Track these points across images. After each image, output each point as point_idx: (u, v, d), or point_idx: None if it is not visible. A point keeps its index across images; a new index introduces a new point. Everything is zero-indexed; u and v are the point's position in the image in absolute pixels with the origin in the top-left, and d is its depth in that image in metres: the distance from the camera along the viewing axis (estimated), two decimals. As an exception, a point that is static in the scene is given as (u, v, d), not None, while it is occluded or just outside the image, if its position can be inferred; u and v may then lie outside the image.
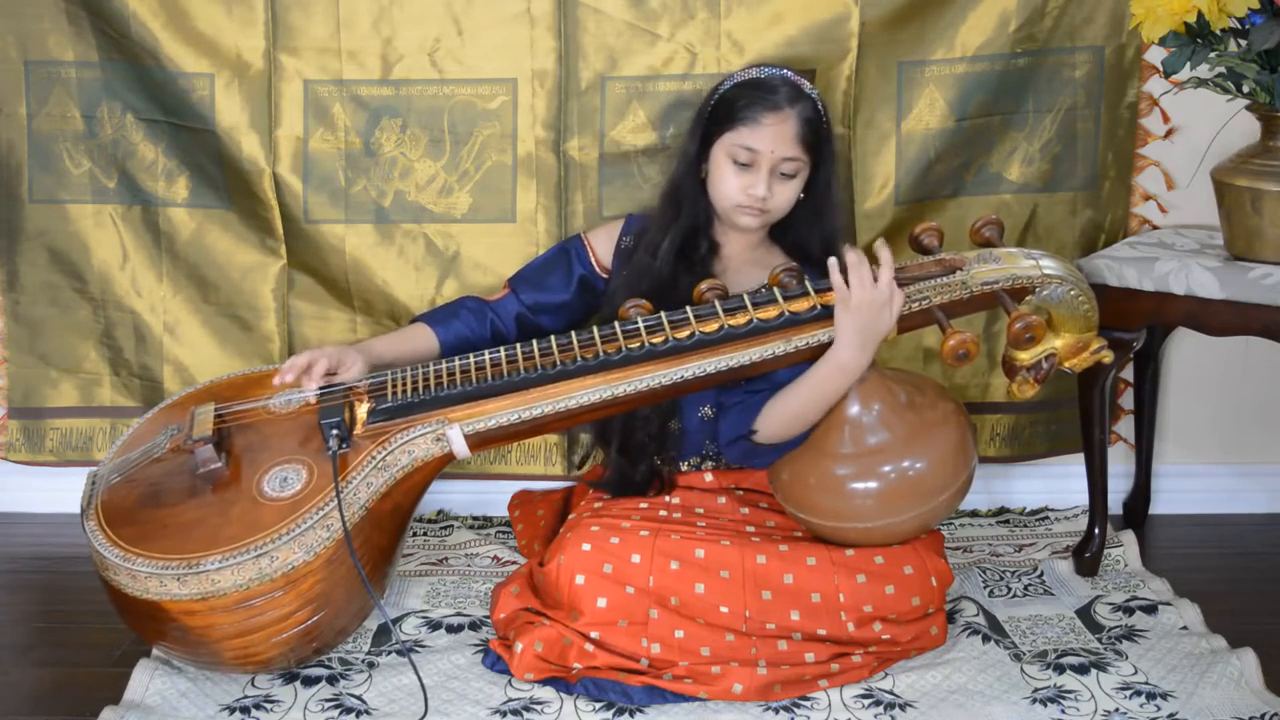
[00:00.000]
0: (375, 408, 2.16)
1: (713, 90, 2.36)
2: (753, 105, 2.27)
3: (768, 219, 2.33)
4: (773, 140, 2.26)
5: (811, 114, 2.29)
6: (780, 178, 2.29)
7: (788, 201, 2.32)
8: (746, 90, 2.30)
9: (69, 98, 2.66)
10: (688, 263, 2.35)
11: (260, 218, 2.68)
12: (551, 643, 2.11)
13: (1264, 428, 2.83)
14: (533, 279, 2.47)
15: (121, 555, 2.02)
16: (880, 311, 2.10)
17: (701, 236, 2.37)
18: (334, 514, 2.04)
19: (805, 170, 2.31)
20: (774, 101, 2.27)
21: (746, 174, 2.28)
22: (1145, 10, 2.21)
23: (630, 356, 2.14)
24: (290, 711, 2.07)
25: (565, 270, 2.46)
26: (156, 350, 2.75)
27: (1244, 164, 2.30)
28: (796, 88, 2.29)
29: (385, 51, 2.61)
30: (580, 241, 2.49)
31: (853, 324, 2.11)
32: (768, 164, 2.27)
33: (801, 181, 2.32)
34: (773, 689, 2.08)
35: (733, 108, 2.29)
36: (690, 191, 2.36)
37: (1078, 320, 2.13)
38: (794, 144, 2.27)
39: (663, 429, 2.35)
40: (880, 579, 2.17)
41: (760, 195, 2.27)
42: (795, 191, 2.32)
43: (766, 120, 2.26)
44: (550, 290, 2.45)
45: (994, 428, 2.78)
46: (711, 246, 2.38)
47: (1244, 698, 2.07)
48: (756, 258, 2.39)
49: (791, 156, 2.27)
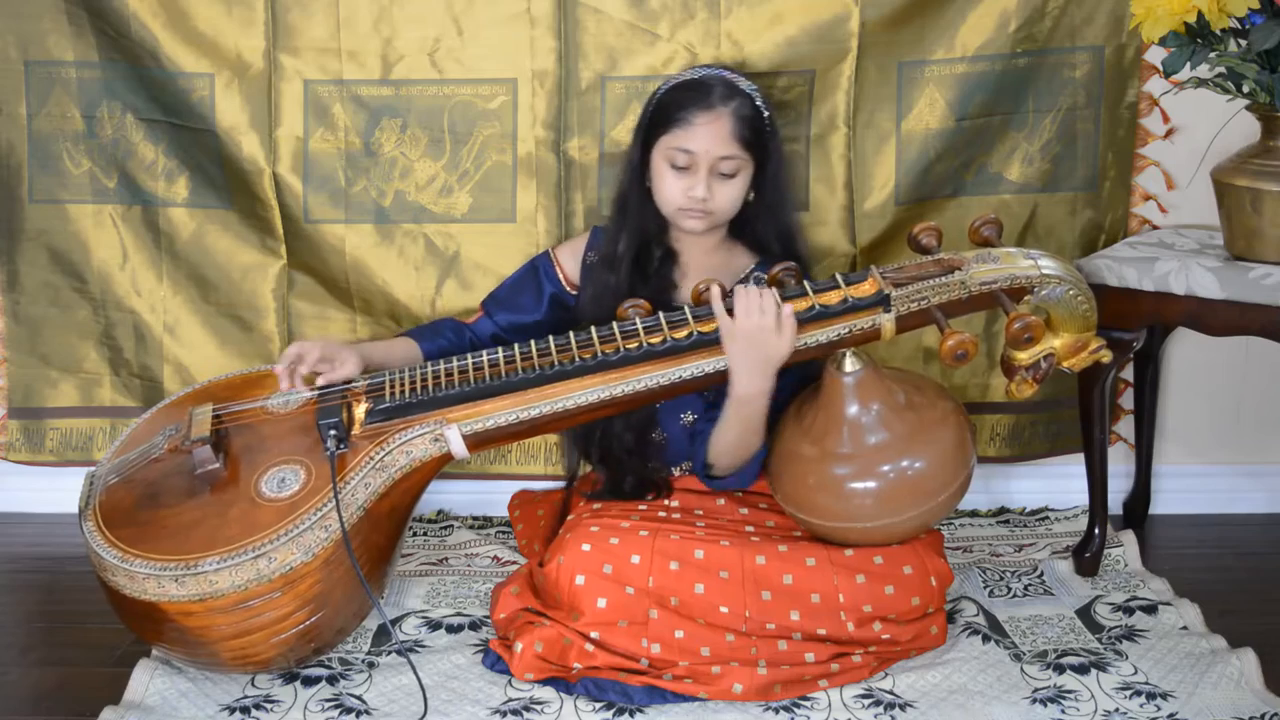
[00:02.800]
0: (373, 408, 2.16)
1: (652, 95, 2.36)
2: (686, 107, 2.26)
3: (713, 220, 2.33)
4: (707, 140, 2.25)
5: (748, 111, 2.28)
6: (720, 178, 2.28)
7: (731, 201, 2.32)
8: (680, 92, 2.29)
9: (69, 98, 2.66)
10: (643, 274, 2.35)
11: (260, 218, 2.68)
12: (551, 643, 2.11)
13: (1264, 428, 2.83)
14: (505, 300, 2.48)
15: (119, 556, 2.02)
16: (769, 338, 2.10)
17: (655, 245, 2.37)
18: (332, 515, 2.04)
19: (747, 168, 2.31)
20: (707, 101, 2.26)
21: (685, 176, 2.28)
22: (1145, 10, 2.21)
23: (628, 357, 2.14)
24: (290, 711, 2.07)
25: (535, 289, 2.47)
26: (156, 350, 2.75)
27: (1244, 164, 2.30)
28: (731, 85, 2.28)
29: (385, 51, 2.61)
30: (548, 259, 2.49)
31: (741, 353, 2.12)
32: (705, 165, 2.26)
33: (744, 180, 2.32)
34: (773, 689, 2.08)
35: (668, 111, 2.28)
36: (637, 199, 2.36)
37: (1076, 320, 2.13)
38: (730, 143, 2.26)
39: (641, 441, 2.35)
40: (880, 579, 2.17)
41: (700, 197, 2.27)
42: (738, 190, 2.32)
43: (699, 120, 2.25)
44: (523, 310, 2.46)
45: (994, 428, 2.78)
46: (667, 254, 2.38)
47: (1244, 698, 2.07)
48: (719, 260, 2.39)
49: (728, 155, 2.26)
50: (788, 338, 2.11)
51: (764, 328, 2.10)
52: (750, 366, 2.13)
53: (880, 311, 2.13)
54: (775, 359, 2.12)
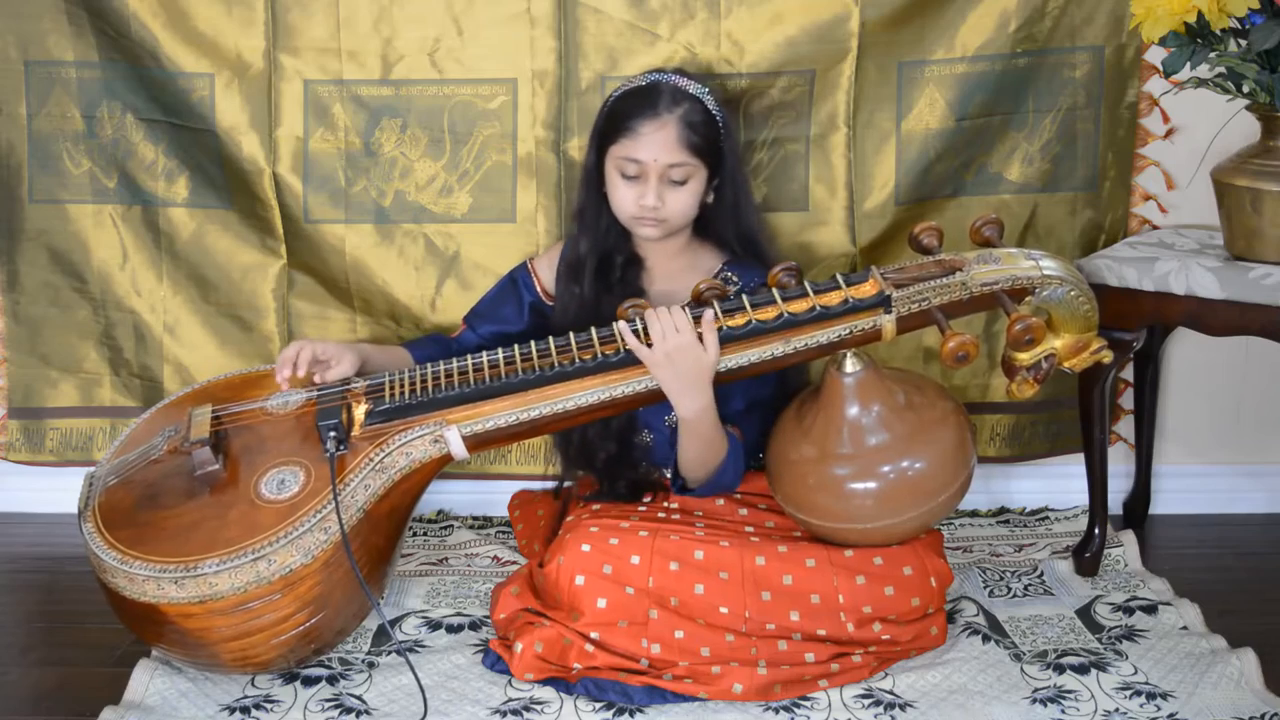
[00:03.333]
0: (373, 409, 2.16)
1: (604, 102, 2.36)
2: (631, 115, 2.26)
3: (668, 227, 2.32)
4: (654, 149, 2.24)
5: (698, 116, 2.27)
6: (671, 185, 2.27)
7: (685, 207, 2.31)
8: (628, 100, 2.29)
9: (69, 98, 2.66)
10: (607, 283, 2.35)
11: (260, 218, 2.68)
12: (551, 643, 2.11)
13: (1264, 428, 2.83)
14: (487, 313, 2.49)
15: (119, 558, 2.03)
16: (693, 354, 2.10)
17: (617, 253, 2.37)
18: (331, 516, 2.04)
19: (699, 173, 2.30)
20: (653, 110, 2.25)
21: (636, 185, 2.27)
22: (1145, 10, 2.21)
23: (628, 358, 2.14)
24: (290, 711, 2.07)
25: (516, 300, 2.47)
26: (156, 350, 2.75)
27: (1244, 164, 2.30)
28: (679, 91, 2.28)
29: (385, 51, 2.61)
30: (526, 269, 2.50)
31: (671, 377, 2.12)
32: (654, 173, 2.26)
33: (698, 185, 2.31)
34: (773, 689, 2.08)
35: (617, 120, 2.28)
36: (595, 208, 2.37)
37: (1077, 321, 2.13)
38: (677, 150, 2.25)
39: (625, 446, 2.35)
40: (879, 580, 2.17)
41: (650, 205, 2.27)
42: (692, 196, 2.31)
43: (645, 129, 2.24)
44: (505, 322, 2.46)
45: (994, 428, 2.78)
46: (630, 261, 2.38)
47: (1244, 698, 2.07)
48: (685, 264, 2.39)
49: (676, 163, 2.26)
50: (711, 343, 2.10)
51: (684, 345, 2.09)
52: (684, 387, 2.13)
53: (881, 312, 2.12)
54: (706, 371, 2.12)
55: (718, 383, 2.17)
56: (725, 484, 2.31)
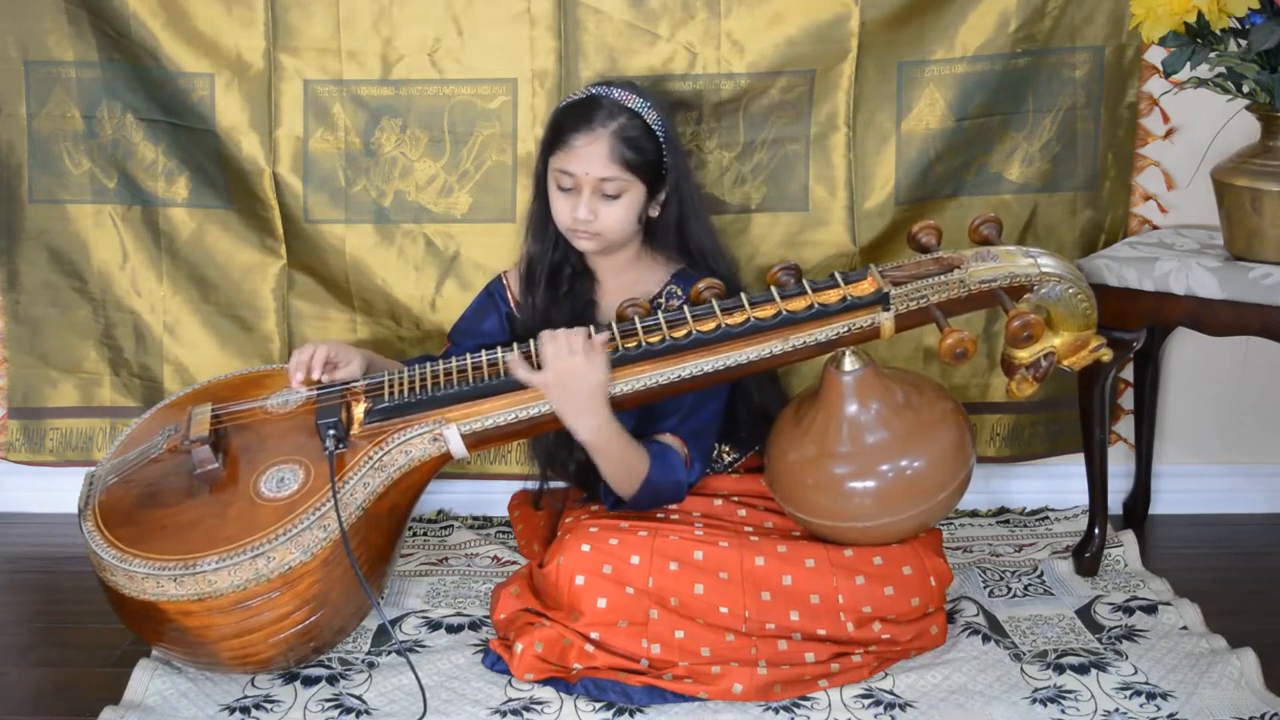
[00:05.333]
0: (372, 408, 2.16)
1: (551, 112, 2.36)
2: (566, 129, 2.26)
3: (603, 241, 2.31)
4: (585, 162, 2.24)
5: (633, 131, 2.25)
6: (604, 199, 2.27)
7: (619, 221, 2.29)
8: (567, 113, 2.29)
9: (69, 98, 2.67)
10: (555, 294, 2.35)
11: (260, 218, 2.68)
12: (551, 643, 2.11)
13: (1264, 428, 2.83)
14: (469, 329, 2.49)
15: (119, 556, 2.03)
16: (582, 373, 2.09)
17: (564, 264, 2.37)
18: (331, 514, 2.04)
19: (634, 188, 2.28)
20: (588, 124, 2.24)
21: (569, 197, 2.27)
22: (1145, 10, 2.21)
23: (626, 357, 2.14)
24: (290, 711, 2.07)
25: (495, 313, 2.48)
26: (156, 350, 2.75)
27: (1244, 164, 2.30)
28: (616, 105, 2.26)
29: (385, 51, 2.61)
30: (500, 281, 2.50)
31: (564, 399, 2.11)
32: (588, 186, 2.25)
33: (633, 200, 2.29)
34: (773, 689, 2.08)
35: (556, 132, 2.28)
36: (542, 218, 2.37)
37: (1076, 318, 2.13)
38: (609, 164, 2.24)
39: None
40: (879, 580, 2.17)
41: (582, 218, 2.26)
42: (626, 211, 2.29)
43: (578, 143, 2.24)
44: (488, 335, 2.45)
45: (994, 427, 2.78)
46: (578, 273, 2.38)
47: (1244, 698, 2.07)
48: (632, 277, 2.38)
49: (608, 177, 2.25)
50: (599, 364, 2.10)
51: (574, 368, 2.09)
52: (579, 409, 2.12)
53: (879, 310, 2.12)
54: (597, 389, 2.11)
55: (716, 382, 2.17)
56: (665, 495, 2.27)
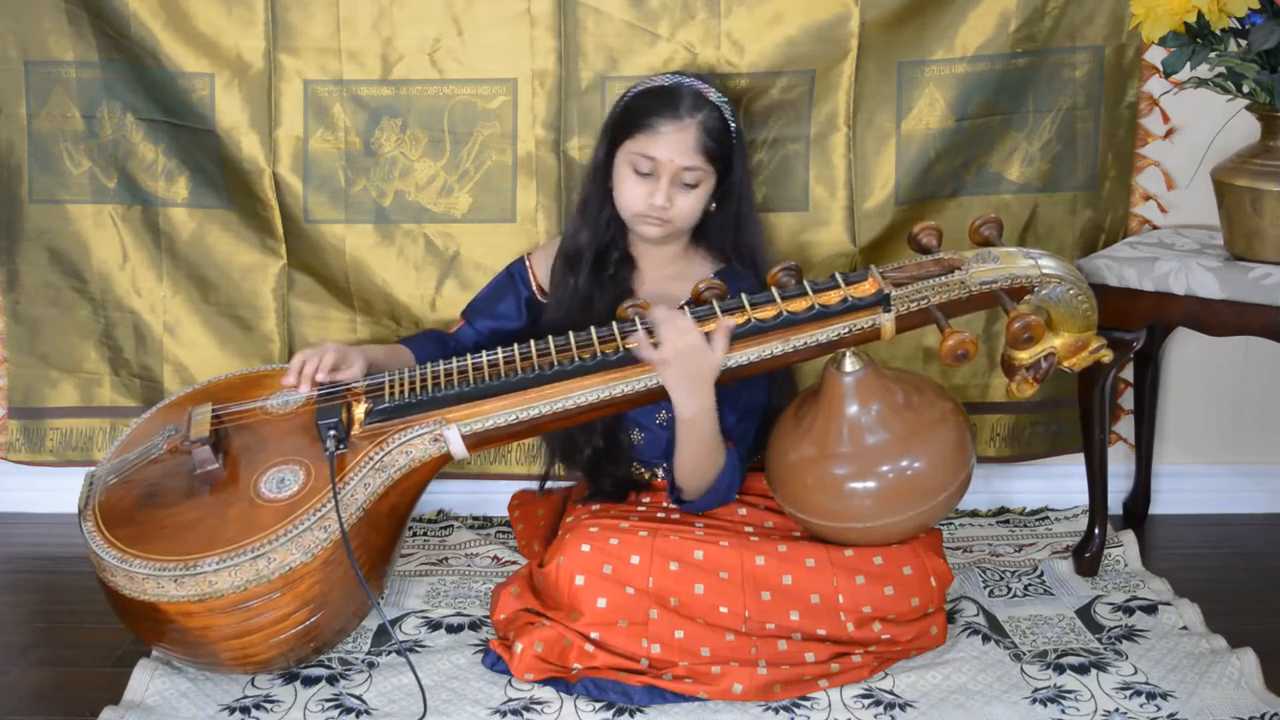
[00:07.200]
0: (373, 408, 2.16)
1: (620, 97, 2.36)
2: (653, 113, 2.27)
3: (671, 229, 2.33)
4: (671, 149, 2.25)
5: (715, 123, 2.28)
6: (681, 187, 2.28)
7: (690, 211, 2.31)
8: (649, 98, 2.30)
9: (69, 98, 2.67)
10: (600, 278, 2.35)
11: (260, 218, 2.68)
12: (551, 643, 2.11)
13: (1264, 428, 2.83)
14: (484, 308, 2.49)
15: (119, 556, 2.03)
16: (699, 353, 2.10)
17: (612, 249, 2.38)
18: (331, 515, 2.04)
19: (709, 180, 2.31)
20: (675, 110, 2.26)
21: (646, 183, 2.28)
22: (1145, 10, 2.21)
23: (628, 357, 2.14)
24: (290, 711, 2.07)
25: (514, 296, 2.48)
26: (156, 350, 2.75)
27: (1244, 164, 2.30)
28: (700, 96, 2.29)
29: (385, 51, 2.61)
30: (523, 264, 2.50)
31: (678, 378, 2.11)
32: (667, 173, 2.26)
33: (705, 192, 2.32)
34: (773, 689, 2.08)
35: (635, 115, 2.29)
36: (598, 202, 2.37)
37: (1077, 320, 2.13)
38: (694, 153, 2.26)
39: (612, 444, 2.35)
40: (879, 580, 2.17)
41: (659, 205, 2.27)
42: (699, 201, 2.32)
43: (665, 129, 2.25)
44: (503, 318, 2.47)
45: (994, 428, 2.78)
46: (624, 260, 2.39)
47: (1244, 698, 2.07)
48: (676, 269, 2.39)
49: (691, 166, 2.27)
50: (719, 350, 2.10)
51: (694, 346, 2.09)
52: (690, 389, 2.12)
53: (880, 311, 2.13)
54: (709, 373, 2.11)
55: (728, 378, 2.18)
56: (719, 497, 2.30)
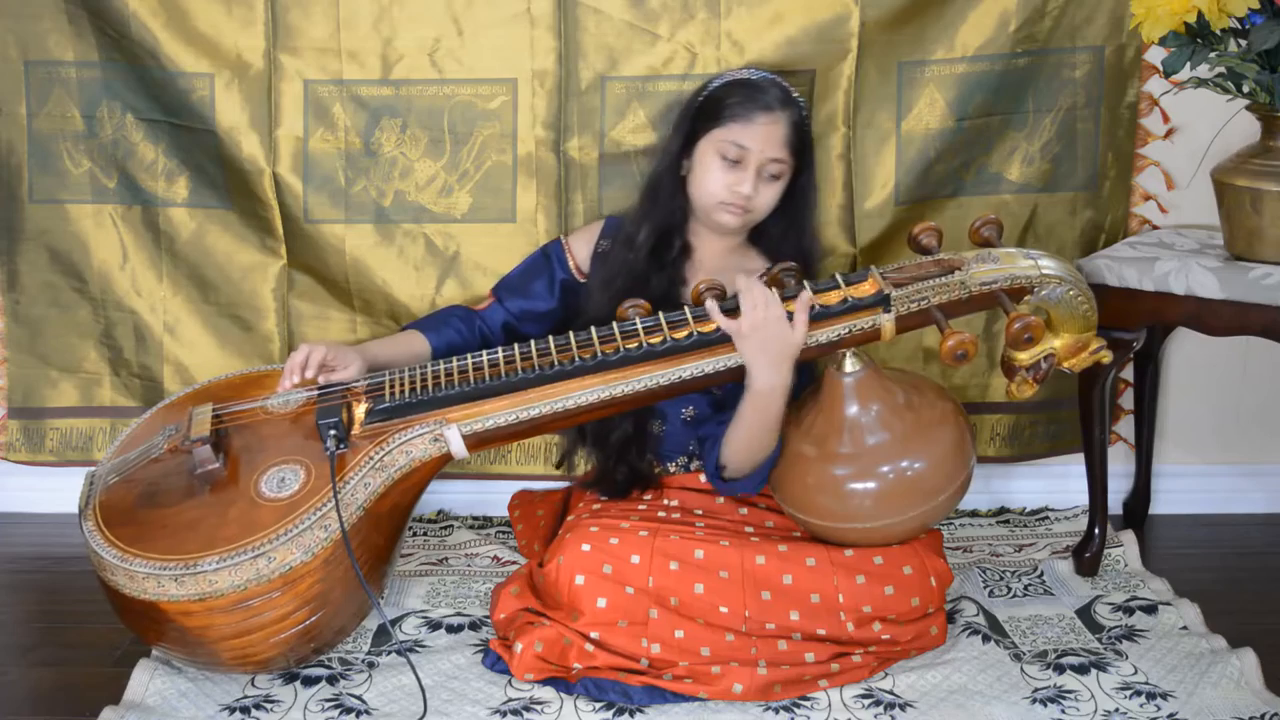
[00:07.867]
0: (373, 408, 2.16)
1: (701, 87, 2.37)
2: (746, 103, 2.28)
3: (749, 219, 2.34)
4: (763, 140, 2.27)
5: (798, 119, 2.31)
6: (766, 179, 2.30)
7: (770, 203, 2.33)
8: (739, 88, 2.31)
9: (69, 98, 2.66)
10: (659, 261, 2.36)
11: (260, 218, 2.68)
12: (551, 643, 2.11)
13: (1264, 428, 2.83)
14: (517, 286, 2.48)
15: (119, 556, 2.03)
16: (778, 326, 2.10)
17: (675, 235, 2.38)
18: (332, 514, 2.04)
19: (787, 175, 2.33)
20: (766, 102, 2.28)
21: (734, 171, 2.29)
22: (1145, 10, 2.21)
23: (628, 357, 2.14)
24: (290, 711, 2.07)
25: (548, 276, 2.47)
26: (156, 350, 2.75)
27: (1244, 164, 2.30)
28: (787, 92, 2.32)
29: (385, 51, 2.61)
30: (560, 245, 2.50)
31: (755, 348, 2.11)
32: (755, 163, 2.28)
33: (783, 185, 2.33)
34: (773, 689, 2.08)
35: (724, 105, 2.30)
36: (669, 188, 2.37)
37: (1077, 320, 2.13)
38: (782, 146, 2.28)
39: (639, 431, 2.35)
40: (879, 579, 2.17)
41: (745, 194, 2.28)
42: (777, 194, 2.33)
43: (759, 119, 2.27)
44: (535, 298, 2.46)
45: (994, 428, 2.78)
46: (684, 248, 2.39)
47: (1244, 698, 2.07)
48: (732, 263, 2.39)
49: (778, 158, 2.29)
50: (800, 328, 2.11)
51: (772, 319, 2.10)
52: (768, 361, 2.12)
53: (880, 311, 2.13)
54: (790, 350, 2.12)
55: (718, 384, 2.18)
56: (758, 481, 2.29)
